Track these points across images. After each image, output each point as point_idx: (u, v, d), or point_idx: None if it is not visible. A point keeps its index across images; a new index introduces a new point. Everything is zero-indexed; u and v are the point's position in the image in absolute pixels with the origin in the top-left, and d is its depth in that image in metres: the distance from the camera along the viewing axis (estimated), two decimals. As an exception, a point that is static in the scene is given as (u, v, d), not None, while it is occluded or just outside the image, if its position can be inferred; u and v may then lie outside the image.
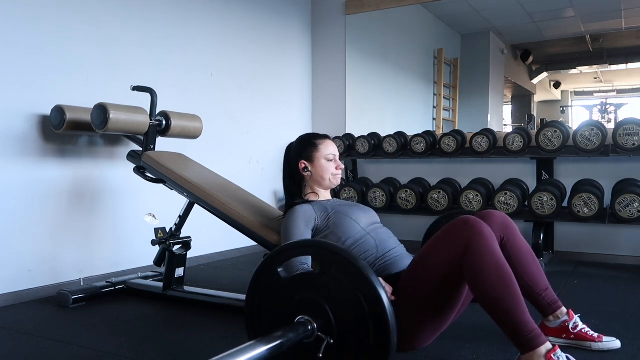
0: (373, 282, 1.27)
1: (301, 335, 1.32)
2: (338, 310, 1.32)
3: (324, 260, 1.34)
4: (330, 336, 1.33)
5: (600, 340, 1.70)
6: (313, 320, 1.34)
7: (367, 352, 1.29)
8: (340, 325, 1.32)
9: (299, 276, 1.44)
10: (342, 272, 1.31)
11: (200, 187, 2.26)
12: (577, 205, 3.01)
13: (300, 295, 1.38)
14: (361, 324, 1.29)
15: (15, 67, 2.40)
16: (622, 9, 4.75)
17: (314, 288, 1.36)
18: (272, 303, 1.43)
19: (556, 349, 1.41)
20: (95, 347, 1.79)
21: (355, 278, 1.29)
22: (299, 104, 4.35)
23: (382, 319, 1.26)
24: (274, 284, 1.42)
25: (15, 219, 2.41)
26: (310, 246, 1.47)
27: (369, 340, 1.29)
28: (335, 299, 1.32)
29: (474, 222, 1.47)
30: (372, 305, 1.27)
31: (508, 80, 6.10)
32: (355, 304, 1.29)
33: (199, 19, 3.39)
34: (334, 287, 1.32)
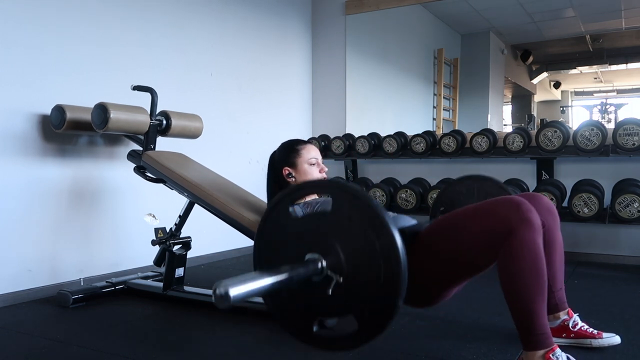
0: (385, 220, 1.25)
1: (310, 271, 1.30)
2: (349, 249, 1.30)
3: (337, 199, 1.32)
4: (340, 275, 1.31)
5: (600, 336, 1.69)
6: (323, 258, 1.32)
7: (377, 291, 1.27)
8: (350, 265, 1.30)
9: (311, 215, 1.43)
10: (354, 210, 1.29)
11: (200, 187, 2.26)
12: (577, 205, 3.01)
13: (311, 234, 1.35)
14: (372, 263, 1.27)
15: (16, 66, 2.40)
16: (622, 9, 4.75)
17: (325, 226, 1.34)
18: (282, 241, 1.41)
19: (555, 349, 1.41)
20: (95, 347, 1.79)
21: (368, 216, 1.26)
22: (299, 104, 4.35)
23: (394, 257, 1.24)
24: (285, 222, 1.40)
25: (16, 219, 2.41)
26: (323, 185, 1.44)
27: (380, 280, 1.26)
28: (346, 237, 1.30)
29: (527, 209, 1.40)
30: (383, 243, 1.24)
31: (508, 80, 6.10)
32: (366, 243, 1.27)
33: (199, 19, 3.39)
34: (346, 226, 1.30)
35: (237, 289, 1.09)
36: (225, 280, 1.07)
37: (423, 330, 1.92)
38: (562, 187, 3.30)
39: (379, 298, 1.28)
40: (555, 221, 1.69)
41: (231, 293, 1.07)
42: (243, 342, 1.83)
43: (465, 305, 2.28)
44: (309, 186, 1.46)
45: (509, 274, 1.41)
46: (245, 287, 1.12)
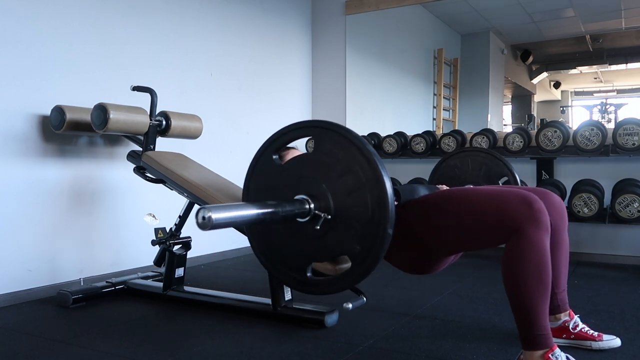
0: (368, 150, 1.24)
1: (297, 209, 1.30)
2: (335, 186, 1.30)
3: (318, 137, 1.31)
4: (328, 213, 1.31)
5: (600, 338, 1.70)
6: (311, 200, 1.33)
7: (366, 222, 1.27)
8: (337, 202, 1.30)
9: (294, 160, 1.41)
10: (337, 146, 1.28)
11: (200, 187, 2.26)
12: (577, 205, 3.01)
13: (296, 177, 1.35)
14: (359, 194, 1.26)
15: (15, 67, 2.40)
16: (622, 9, 4.75)
17: (309, 168, 1.33)
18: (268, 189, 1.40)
19: (554, 349, 1.41)
20: (95, 347, 1.79)
21: (351, 148, 1.26)
22: (299, 104, 4.35)
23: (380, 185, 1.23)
24: (270, 172, 1.39)
25: (16, 219, 2.41)
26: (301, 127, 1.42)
27: (367, 211, 1.26)
28: (331, 175, 1.30)
29: (538, 209, 1.40)
30: (369, 174, 1.24)
31: (508, 80, 6.10)
32: (351, 176, 1.26)
33: (199, 19, 3.39)
34: (330, 163, 1.30)
35: (220, 214, 1.09)
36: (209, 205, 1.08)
37: (423, 330, 1.92)
38: (562, 187, 3.30)
39: (368, 229, 1.27)
40: (563, 222, 1.69)
41: (213, 216, 1.06)
42: (243, 342, 1.82)
43: (465, 305, 2.28)
44: (291, 129, 1.44)
45: (514, 273, 1.41)
46: (229, 213, 1.11)
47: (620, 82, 7.30)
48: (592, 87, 7.60)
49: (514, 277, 1.41)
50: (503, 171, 2.40)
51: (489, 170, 2.41)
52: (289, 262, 1.42)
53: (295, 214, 1.30)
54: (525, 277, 1.40)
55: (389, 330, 1.93)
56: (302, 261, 1.39)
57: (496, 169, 2.40)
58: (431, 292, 2.51)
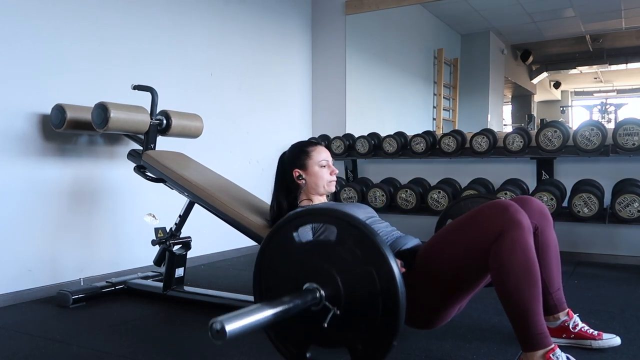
0: (388, 259, 1.23)
1: (308, 302, 1.29)
2: (348, 283, 1.29)
3: (342, 230, 1.31)
4: (337, 307, 1.30)
5: (600, 337, 1.69)
6: (321, 289, 1.31)
7: (374, 329, 1.27)
8: (348, 298, 1.29)
9: (314, 243, 1.42)
10: (358, 244, 1.27)
11: (200, 187, 2.26)
12: (577, 205, 3.01)
13: (312, 263, 1.34)
14: (371, 299, 1.26)
15: (16, 66, 2.40)
16: (622, 9, 4.75)
17: (327, 257, 1.32)
18: (281, 267, 1.40)
19: (555, 349, 1.41)
20: (95, 347, 1.79)
21: (371, 252, 1.25)
22: (299, 104, 4.35)
23: (393, 298, 1.23)
24: (286, 248, 1.39)
25: (16, 219, 2.41)
26: (329, 215, 1.40)
27: (377, 317, 1.26)
28: (347, 270, 1.29)
29: (515, 210, 1.41)
30: (384, 282, 1.24)
31: (508, 80, 6.10)
32: (367, 279, 1.26)
33: (199, 19, 3.39)
34: (348, 259, 1.29)
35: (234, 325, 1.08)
36: (221, 316, 1.06)
37: (423, 331, 1.92)
38: (562, 187, 3.30)
39: (374, 335, 1.28)
40: (547, 222, 1.69)
41: (227, 329, 1.06)
42: (243, 342, 1.82)
43: (465, 305, 2.27)
44: (316, 214, 1.44)
45: (501, 275, 1.41)
46: (242, 322, 1.11)
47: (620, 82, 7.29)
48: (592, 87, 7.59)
49: (502, 278, 1.41)
50: None
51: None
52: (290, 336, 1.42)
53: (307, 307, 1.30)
54: (513, 277, 1.40)
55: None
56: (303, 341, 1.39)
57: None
58: (431, 292, 2.51)
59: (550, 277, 1.67)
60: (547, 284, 1.66)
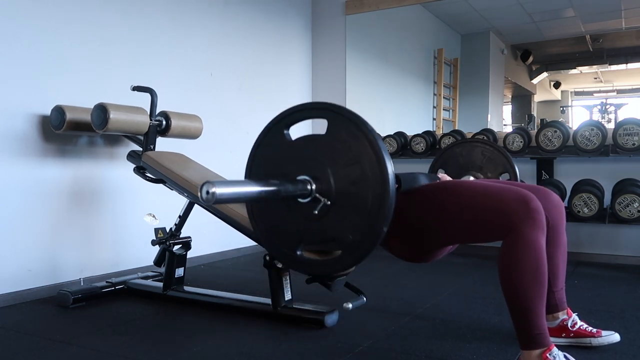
0: (379, 147, 1.24)
1: (299, 189, 1.31)
2: (339, 173, 1.30)
3: (334, 122, 1.31)
4: (328, 199, 1.31)
5: (600, 335, 1.69)
6: (313, 181, 1.33)
7: (363, 218, 1.27)
8: (339, 189, 1.30)
9: (305, 138, 1.41)
10: (350, 134, 1.28)
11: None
12: (577, 205, 3.01)
13: (304, 157, 1.35)
14: (361, 187, 1.27)
15: (16, 66, 2.40)
16: (622, 9, 4.75)
17: (317, 150, 1.33)
18: (273, 164, 1.41)
19: (552, 348, 1.41)
20: (95, 347, 1.79)
21: (363, 141, 1.26)
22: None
23: (383, 184, 1.23)
24: (278, 145, 1.40)
25: (16, 219, 2.41)
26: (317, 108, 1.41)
27: (366, 205, 1.26)
28: (338, 161, 1.30)
29: (535, 208, 1.40)
30: (375, 169, 1.24)
31: (508, 80, 6.10)
32: (357, 167, 1.26)
33: (199, 19, 3.39)
34: (339, 149, 1.29)
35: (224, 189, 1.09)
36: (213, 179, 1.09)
37: (423, 330, 1.92)
38: (562, 187, 3.30)
39: (364, 223, 1.27)
40: (562, 221, 1.69)
41: (217, 191, 1.07)
42: (243, 342, 1.82)
43: (465, 305, 2.28)
44: (305, 109, 1.44)
45: (510, 272, 1.41)
46: (232, 189, 1.12)
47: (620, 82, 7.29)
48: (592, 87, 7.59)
49: (510, 276, 1.42)
50: (505, 167, 2.41)
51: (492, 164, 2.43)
52: (282, 237, 1.43)
53: (297, 195, 1.31)
54: (521, 277, 1.40)
55: (389, 330, 1.93)
56: (294, 239, 1.40)
57: (499, 164, 2.42)
58: (431, 292, 2.51)
59: (555, 275, 1.67)
60: (552, 282, 1.66)
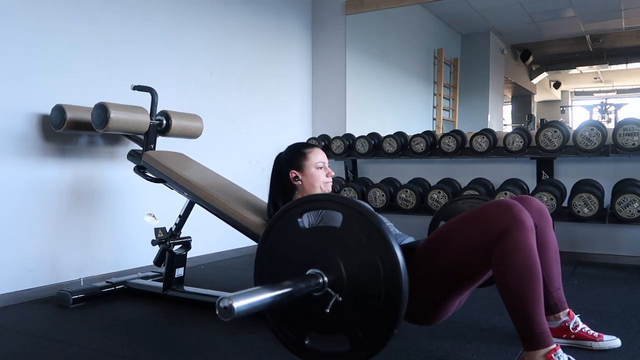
0: (393, 247, 1.23)
1: (311, 287, 1.29)
2: (352, 269, 1.29)
3: (348, 217, 1.31)
4: (340, 294, 1.30)
5: (601, 339, 1.70)
6: (324, 275, 1.32)
7: (375, 316, 1.27)
8: (351, 285, 1.29)
9: (318, 229, 1.42)
10: (364, 232, 1.27)
11: (200, 187, 2.26)
12: (577, 205, 3.01)
13: (316, 249, 1.34)
14: (373, 286, 1.26)
15: (16, 66, 2.40)
16: (622, 9, 4.75)
17: (332, 243, 1.32)
18: (284, 253, 1.40)
19: (557, 349, 1.41)
20: (95, 347, 1.79)
21: (376, 240, 1.25)
22: (299, 104, 4.35)
23: (396, 285, 1.23)
24: (290, 233, 1.39)
25: (16, 219, 2.41)
26: (335, 201, 1.39)
27: (379, 305, 1.26)
28: (351, 257, 1.29)
29: (518, 210, 1.41)
30: (388, 269, 1.24)
31: (508, 80, 6.10)
32: (370, 266, 1.26)
33: (199, 19, 3.39)
34: (353, 246, 1.29)
35: (241, 303, 1.10)
36: (229, 294, 1.09)
37: (423, 330, 1.92)
38: (562, 187, 3.30)
39: (375, 323, 1.27)
40: (547, 222, 1.69)
41: (235, 306, 1.08)
42: (243, 342, 1.82)
43: (465, 305, 2.27)
44: (321, 199, 1.43)
45: (504, 274, 1.42)
46: (249, 300, 1.13)
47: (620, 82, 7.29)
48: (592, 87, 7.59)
49: (505, 278, 1.42)
50: None
51: None
52: (289, 322, 1.42)
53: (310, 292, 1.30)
54: (516, 277, 1.40)
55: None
56: (302, 327, 1.39)
57: None
58: (431, 292, 2.51)
59: (550, 276, 1.68)
60: (547, 283, 1.67)
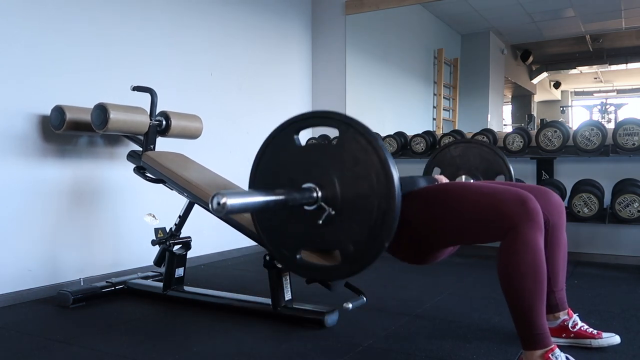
0: (388, 162, 1.24)
1: (305, 198, 1.31)
2: (346, 185, 1.30)
3: (344, 134, 1.31)
4: (333, 208, 1.31)
5: (600, 336, 1.69)
6: (319, 189, 1.33)
7: (367, 231, 1.28)
8: (344, 199, 1.31)
9: (314, 145, 1.44)
10: (360, 148, 1.28)
11: (200, 187, 2.26)
12: (577, 205, 3.01)
13: (311, 165, 1.35)
14: (367, 201, 1.27)
15: (16, 66, 2.40)
16: (622, 9, 4.75)
17: (327, 159, 1.33)
18: (280, 167, 1.41)
19: (554, 349, 1.41)
20: (95, 347, 1.79)
21: (372, 155, 1.26)
22: (299, 104, 4.35)
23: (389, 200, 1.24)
24: (287, 149, 1.39)
25: (16, 219, 2.41)
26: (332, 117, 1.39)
27: (371, 219, 1.27)
28: (346, 172, 1.30)
29: (533, 208, 1.41)
30: (382, 185, 1.24)
31: (508, 80, 6.10)
32: (365, 181, 1.27)
33: (199, 19, 3.39)
34: (348, 161, 1.30)
35: (235, 200, 1.10)
36: (224, 190, 1.10)
37: (423, 330, 1.92)
38: (562, 187, 3.30)
39: (367, 237, 1.28)
40: (562, 220, 1.69)
41: (229, 203, 1.08)
42: (243, 342, 1.82)
43: (465, 305, 2.28)
44: (317, 116, 1.43)
45: (509, 273, 1.42)
46: (242, 200, 1.13)
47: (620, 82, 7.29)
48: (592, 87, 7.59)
49: (509, 277, 1.42)
50: (501, 168, 2.41)
51: (489, 166, 2.43)
52: (283, 239, 1.44)
53: (303, 203, 1.31)
54: (520, 277, 1.40)
55: (389, 330, 1.93)
56: (296, 243, 1.41)
57: (496, 165, 2.42)
58: (431, 292, 2.51)
59: (555, 276, 1.67)
60: (552, 282, 1.66)
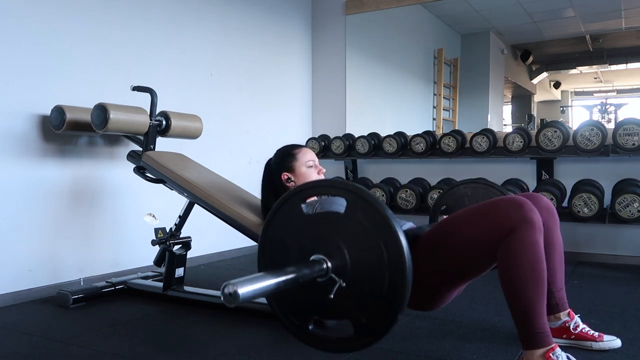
0: (397, 233, 1.23)
1: (315, 273, 1.29)
2: (355, 255, 1.29)
3: (352, 203, 1.30)
4: (343, 280, 1.30)
5: (601, 339, 1.70)
6: (328, 260, 1.31)
7: (378, 302, 1.27)
8: (355, 271, 1.29)
9: (322, 214, 1.41)
10: (368, 218, 1.27)
11: (200, 187, 2.26)
12: (577, 205, 3.01)
13: (319, 235, 1.34)
14: (377, 272, 1.26)
15: (15, 66, 2.40)
16: (622, 9, 4.75)
17: (336, 229, 1.32)
18: (288, 238, 1.39)
19: (555, 348, 1.41)
20: (95, 347, 1.79)
21: (381, 226, 1.25)
22: (299, 104, 4.35)
23: (400, 271, 1.23)
24: (294, 218, 1.38)
25: (16, 219, 2.41)
26: (339, 187, 1.38)
27: (382, 291, 1.25)
28: (355, 243, 1.29)
29: (529, 208, 1.41)
30: (392, 255, 1.23)
31: (508, 80, 6.10)
32: (374, 252, 1.26)
33: (199, 19, 3.39)
34: (357, 232, 1.28)
35: (246, 289, 1.10)
36: (234, 280, 1.09)
37: (423, 330, 1.92)
38: (562, 187, 3.30)
39: (379, 308, 1.27)
40: (554, 221, 1.70)
41: (240, 292, 1.07)
42: (243, 342, 1.83)
43: (465, 305, 2.28)
44: (324, 185, 1.43)
45: (509, 272, 1.42)
46: (253, 286, 1.12)
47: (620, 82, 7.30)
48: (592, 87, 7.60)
49: (510, 276, 1.42)
50: None
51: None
52: (293, 308, 1.42)
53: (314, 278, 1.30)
54: (521, 276, 1.40)
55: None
56: (306, 312, 1.39)
57: None
58: (431, 292, 2.51)
59: (553, 276, 1.68)
60: (550, 283, 1.66)
